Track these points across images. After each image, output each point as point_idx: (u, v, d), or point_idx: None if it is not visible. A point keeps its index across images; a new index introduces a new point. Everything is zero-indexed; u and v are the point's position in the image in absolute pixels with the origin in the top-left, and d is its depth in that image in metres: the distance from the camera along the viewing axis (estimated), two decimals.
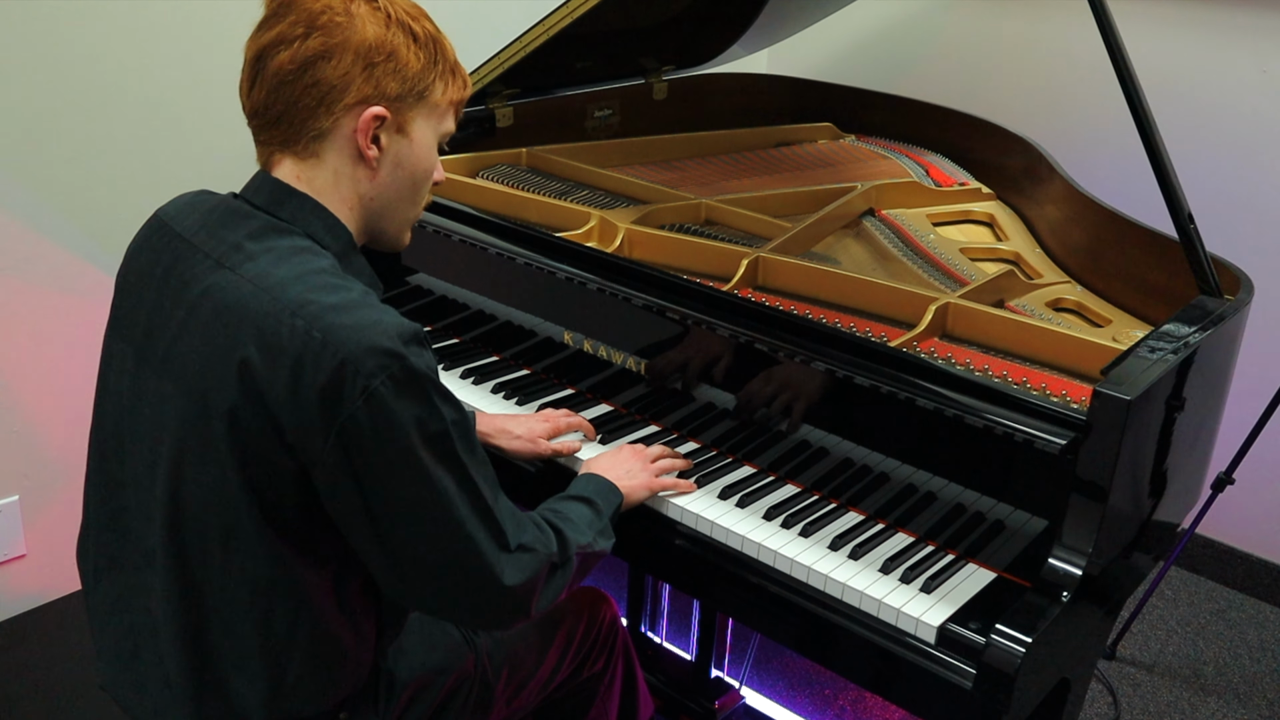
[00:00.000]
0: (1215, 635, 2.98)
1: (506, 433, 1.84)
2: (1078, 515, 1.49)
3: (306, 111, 1.32)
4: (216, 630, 1.33)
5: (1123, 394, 1.44)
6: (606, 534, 1.58)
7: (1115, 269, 2.08)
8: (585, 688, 1.87)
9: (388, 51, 1.32)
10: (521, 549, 1.38)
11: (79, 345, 2.56)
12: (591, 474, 1.67)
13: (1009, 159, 2.56)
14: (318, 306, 1.24)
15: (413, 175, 1.41)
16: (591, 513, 1.57)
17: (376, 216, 1.42)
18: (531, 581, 1.38)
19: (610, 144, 2.67)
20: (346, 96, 1.32)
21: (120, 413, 1.39)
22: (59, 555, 2.65)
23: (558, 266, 1.96)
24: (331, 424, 1.22)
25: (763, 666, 2.70)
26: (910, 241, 2.22)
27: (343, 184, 1.37)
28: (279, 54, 1.31)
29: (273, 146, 1.37)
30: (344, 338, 1.22)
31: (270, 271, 1.28)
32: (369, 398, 1.21)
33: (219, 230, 1.34)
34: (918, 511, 1.67)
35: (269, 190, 1.36)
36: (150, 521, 1.35)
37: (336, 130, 1.34)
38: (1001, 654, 1.41)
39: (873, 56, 3.62)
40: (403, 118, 1.37)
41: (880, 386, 1.64)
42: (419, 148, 1.40)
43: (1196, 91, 2.94)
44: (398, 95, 1.34)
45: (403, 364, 1.23)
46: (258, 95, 1.34)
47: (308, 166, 1.36)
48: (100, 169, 2.49)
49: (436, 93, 1.39)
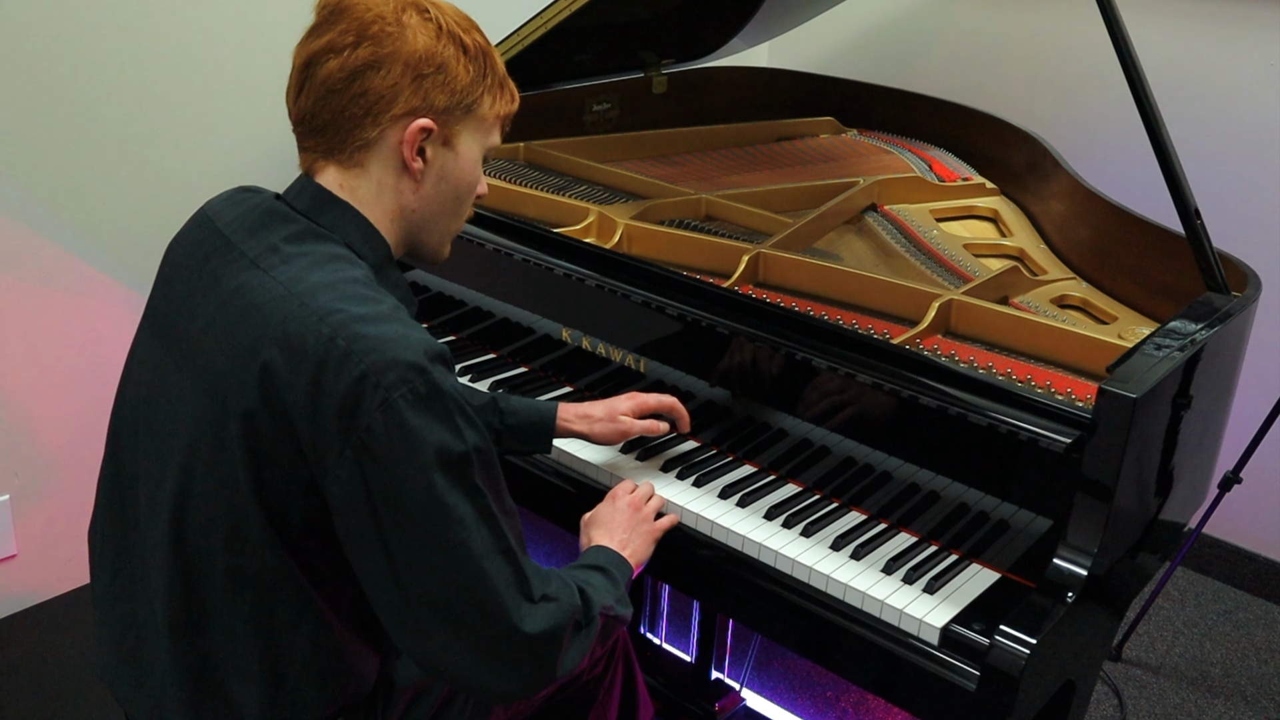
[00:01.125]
0: (1222, 636, 2.98)
1: (587, 417, 1.81)
2: (1083, 515, 1.49)
3: (353, 121, 1.32)
4: (215, 631, 1.33)
5: (1128, 392, 1.44)
6: (624, 603, 1.51)
7: (1121, 265, 2.08)
8: (584, 691, 1.87)
9: (438, 64, 1.33)
10: (546, 599, 1.33)
11: (69, 342, 2.56)
12: (600, 546, 1.61)
13: (1013, 154, 2.56)
14: (345, 315, 1.23)
15: (456, 189, 1.42)
16: (608, 581, 1.52)
17: (418, 229, 1.42)
18: (555, 634, 1.32)
19: (609, 138, 2.67)
20: (394, 108, 1.32)
21: (139, 404, 1.40)
22: (50, 555, 2.65)
23: (555, 263, 1.96)
24: (348, 436, 1.20)
25: (764, 668, 2.70)
26: (913, 237, 2.22)
27: (385, 195, 1.37)
28: (328, 62, 1.31)
29: (317, 154, 1.37)
30: (368, 348, 1.21)
31: (303, 276, 1.27)
32: (386, 410, 1.20)
33: (258, 230, 1.34)
34: (921, 511, 1.68)
35: (311, 195, 1.36)
36: (156, 516, 1.35)
37: (382, 141, 1.34)
38: (1006, 655, 1.41)
39: (875, 50, 3.62)
40: (449, 130, 1.37)
41: (883, 384, 1.64)
42: (464, 161, 1.40)
43: (1203, 86, 2.94)
44: (445, 108, 1.35)
45: (426, 379, 1.22)
46: (305, 102, 1.34)
47: (351, 176, 1.36)
48: (91, 164, 2.49)
49: (484, 106, 1.39)
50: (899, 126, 2.85)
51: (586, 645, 1.39)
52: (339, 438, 1.21)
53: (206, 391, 1.28)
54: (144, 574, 1.40)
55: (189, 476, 1.30)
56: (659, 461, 1.83)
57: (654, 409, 1.83)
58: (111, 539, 1.45)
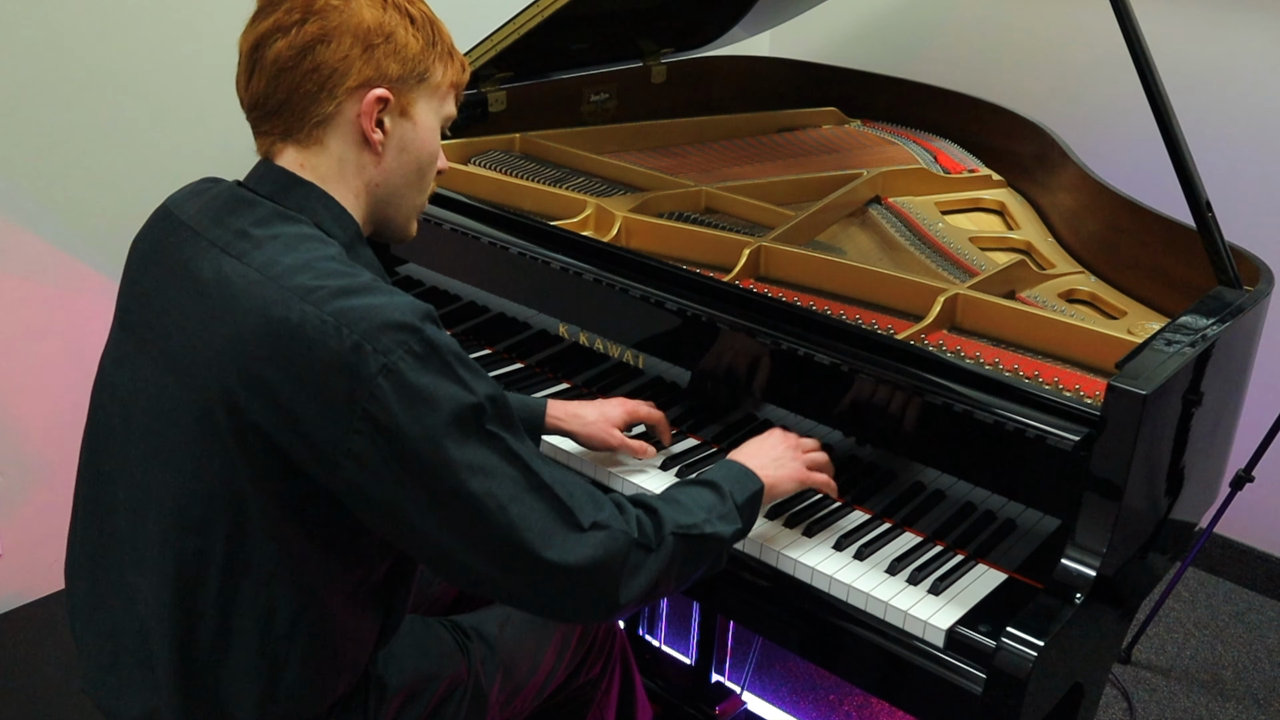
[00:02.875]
0: (1234, 638, 2.98)
1: (578, 417, 1.82)
2: (1092, 514, 1.49)
3: (308, 98, 1.33)
4: (212, 632, 1.33)
5: (1138, 388, 1.44)
6: (729, 518, 1.49)
7: (1130, 259, 2.08)
8: (582, 693, 1.87)
9: (386, 33, 1.34)
10: (596, 527, 1.34)
11: (55, 338, 2.56)
12: (729, 460, 1.61)
13: (1021, 145, 2.55)
14: (326, 291, 1.24)
15: (418, 159, 1.43)
16: (713, 496, 1.51)
17: (384, 204, 1.43)
18: (604, 561, 1.33)
19: (607, 129, 2.67)
20: (348, 80, 1.33)
21: (115, 405, 1.39)
22: (37, 556, 2.65)
23: (553, 256, 1.96)
24: (354, 408, 1.21)
25: (765, 671, 2.70)
26: (918, 230, 2.22)
27: (348, 171, 1.38)
28: (276, 42, 1.32)
29: (274, 136, 1.38)
30: (356, 318, 1.22)
31: (276, 259, 1.28)
32: (388, 374, 1.21)
33: (224, 217, 1.35)
34: (926, 510, 1.67)
35: (274, 179, 1.37)
36: (142, 518, 1.35)
37: (339, 115, 1.35)
38: (1013, 658, 1.41)
39: (879, 38, 3.62)
40: (405, 100, 1.38)
41: (887, 381, 1.64)
42: (423, 130, 1.42)
43: (1215, 76, 2.94)
44: (399, 77, 1.36)
45: (420, 337, 1.23)
46: (256, 86, 1.35)
47: (311, 154, 1.37)
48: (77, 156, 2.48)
49: (437, 74, 1.41)
50: (903, 117, 2.85)
51: (658, 568, 1.39)
52: (345, 412, 1.21)
53: (192, 387, 1.28)
54: (127, 578, 1.40)
55: (183, 476, 1.30)
56: (658, 460, 1.83)
57: (643, 419, 1.84)
58: (88, 548, 1.45)
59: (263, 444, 1.25)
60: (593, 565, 1.32)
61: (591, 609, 1.35)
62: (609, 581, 1.34)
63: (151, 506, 1.34)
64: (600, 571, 1.33)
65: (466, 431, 1.25)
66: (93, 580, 1.44)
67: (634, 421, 1.83)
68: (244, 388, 1.24)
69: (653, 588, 1.39)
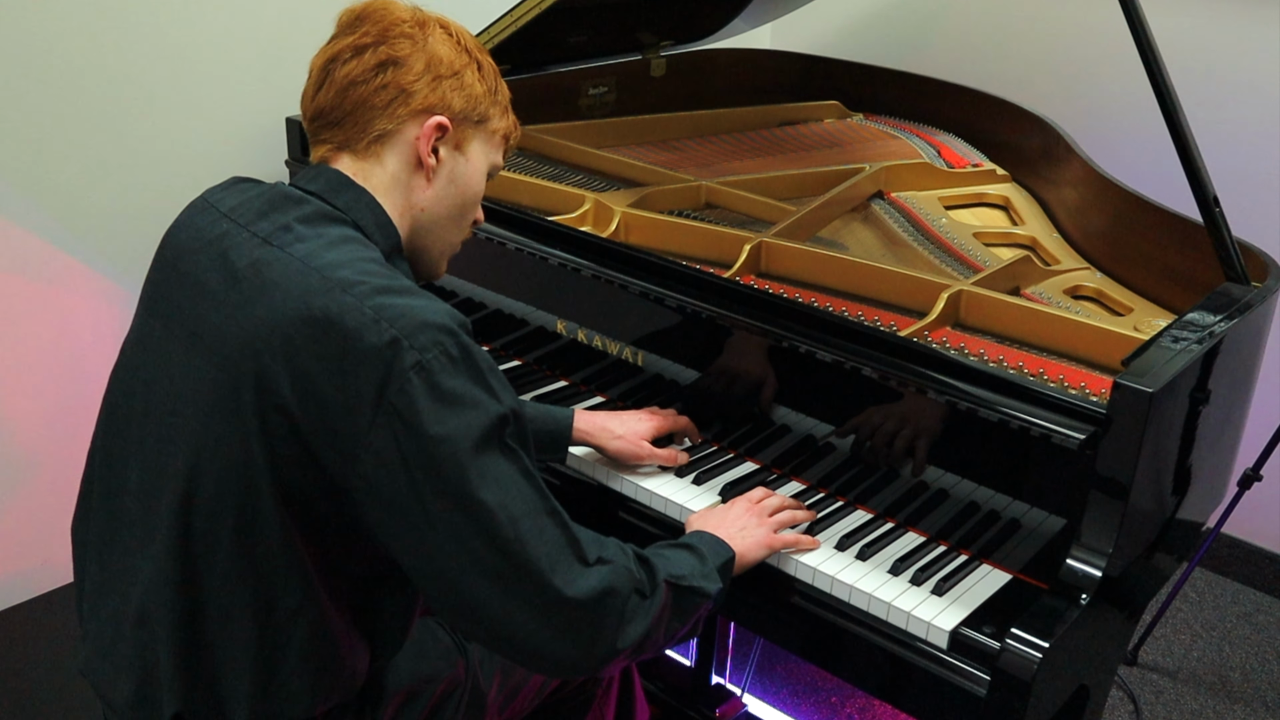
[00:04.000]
0: (1242, 639, 2.99)
1: (607, 430, 1.83)
2: (1097, 513, 1.49)
3: (373, 111, 1.40)
4: (213, 618, 1.34)
5: (1145, 386, 1.44)
6: (710, 578, 1.50)
7: (1137, 254, 2.08)
8: (580, 695, 1.87)
9: (455, 70, 1.43)
10: (600, 562, 1.34)
11: (46, 336, 2.56)
12: (699, 531, 1.61)
13: (1025, 139, 2.55)
14: (369, 286, 1.27)
15: (463, 195, 1.49)
16: (693, 557, 1.51)
17: (424, 231, 1.48)
18: (607, 598, 1.32)
19: (606, 123, 2.67)
20: (413, 101, 1.40)
21: (136, 386, 1.41)
22: (26, 557, 2.65)
23: (550, 252, 1.96)
24: (380, 401, 1.23)
25: (766, 673, 2.71)
26: (921, 226, 2.22)
27: (398, 189, 1.44)
28: (349, 60, 1.40)
29: (331, 144, 1.44)
30: (396, 315, 1.25)
31: (319, 253, 1.31)
32: (421, 371, 1.23)
33: (269, 212, 1.38)
34: (929, 510, 1.68)
35: (326, 178, 1.41)
36: (154, 500, 1.36)
37: (399, 134, 1.41)
38: (1017, 659, 1.41)
39: (882, 31, 3.62)
40: (461, 135, 1.46)
41: (889, 378, 1.64)
42: (473, 169, 1.49)
43: (1223, 68, 2.94)
44: (460, 112, 1.44)
45: (457, 341, 1.26)
46: (324, 97, 1.42)
47: (366, 166, 1.43)
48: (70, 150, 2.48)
49: (494, 121, 1.50)
50: (906, 110, 2.85)
51: (652, 615, 1.38)
52: (372, 405, 1.23)
53: (220, 367, 1.30)
54: (130, 565, 1.41)
55: (199, 456, 1.31)
56: None
57: (669, 430, 1.86)
58: (99, 531, 1.46)
59: (286, 428, 1.26)
60: (596, 602, 1.31)
61: (588, 652, 1.33)
62: (610, 623, 1.34)
63: (164, 490, 1.35)
64: (602, 610, 1.33)
65: (489, 441, 1.27)
66: (102, 564, 1.45)
67: (662, 434, 1.85)
68: (276, 370, 1.25)
69: (645, 636, 1.38)
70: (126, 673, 1.41)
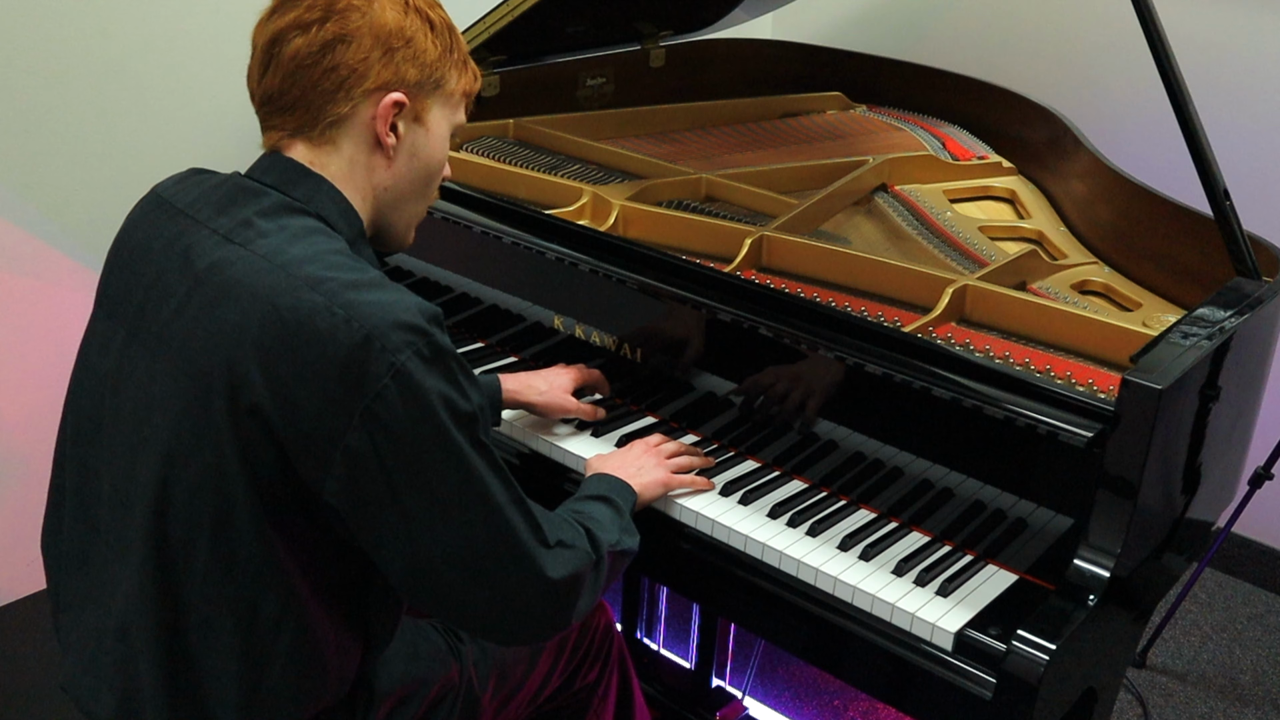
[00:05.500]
0: (1253, 641, 2.99)
1: (532, 387, 1.89)
2: (1105, 513, 1.49)
3: (325, 96, 1.37)
4: (194, 628, 1.34)
5: (1153, 383, 1.44)
6: (630, 531, 1.58)
7: (1145, 249, 2.08)
8: (578, 699, 1.88)
9: (406, 38, 1.38)
10: (561, 545, 1.40)
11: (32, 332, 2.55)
12: (603, 474, 1.68)
13: (1032, 131, 2.55)
14: (337, 283, 1.26)
15: (427, 166, 1.47)
16: (612, 511, 1.58)
17: (388, 209, 1.47)
18: (575, 579, 1.40)
19: (604, 115, 2.66)
20: (366, 81, 1.37)
21: (102, 394, 1.40)
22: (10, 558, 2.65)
23: (547, 246, 1.96)
24: (356, 403, 1.23)
25: (767, 675, 2.71)
26: (925, 219, 2.22)
27: (358, 173, 1.42)
28: (295, 39, 1.35)
29: (284, 132, 1.41)
30: (367, 313, 1.24)
31: (284, 249, 1.30)
32: (397, 375, 1.24)
33: (227, 207, 1.36)
34: (933, 509, 1.68)
35: (282, 169, 1.39)
36: (127, 510, 1.36)
37: (354, 116, 1.38)
38: (1024, 662, 1.41)
39: (885, 20, 3.61)
40: (420, 105, 1.42)
41: (893, 375, 1.64)
42: (434, 138, 1.46)
43: (1233, 59, 2.93)
44: (416, 82, 1.40)
45: (429, 340, 1.27)
46: (271, 81, 1.38)
47: (322, 153, 1.40)
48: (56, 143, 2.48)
49: (452, 82, 1.45)
50: (911, 102, 2.85)
51: (599, 585, 1.48)
52: (346, 405, 1.24)
53: (188, 373, 1.29)
54: (106, 577, 1.40)
55: (170, 463, 1.30)
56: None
57: (588, 381, 1.94)
58: (74, 542, 1.45)
59: (259, 432, 1.26)
60: (565, 581, 1.39)
61: (549, 625, 1.41)
62: (571, 598, 1.41)
63: (137, 499, 1.34)
64: (569, 587, 1.40)
65: (462, 438, 1.29)
66: (81, 576, 1.45)
67: (582, 385, 1.92)
68: (248, 374, 1.25)
69: (589, 606, 1.46)
70: (109, 687, 1.40)
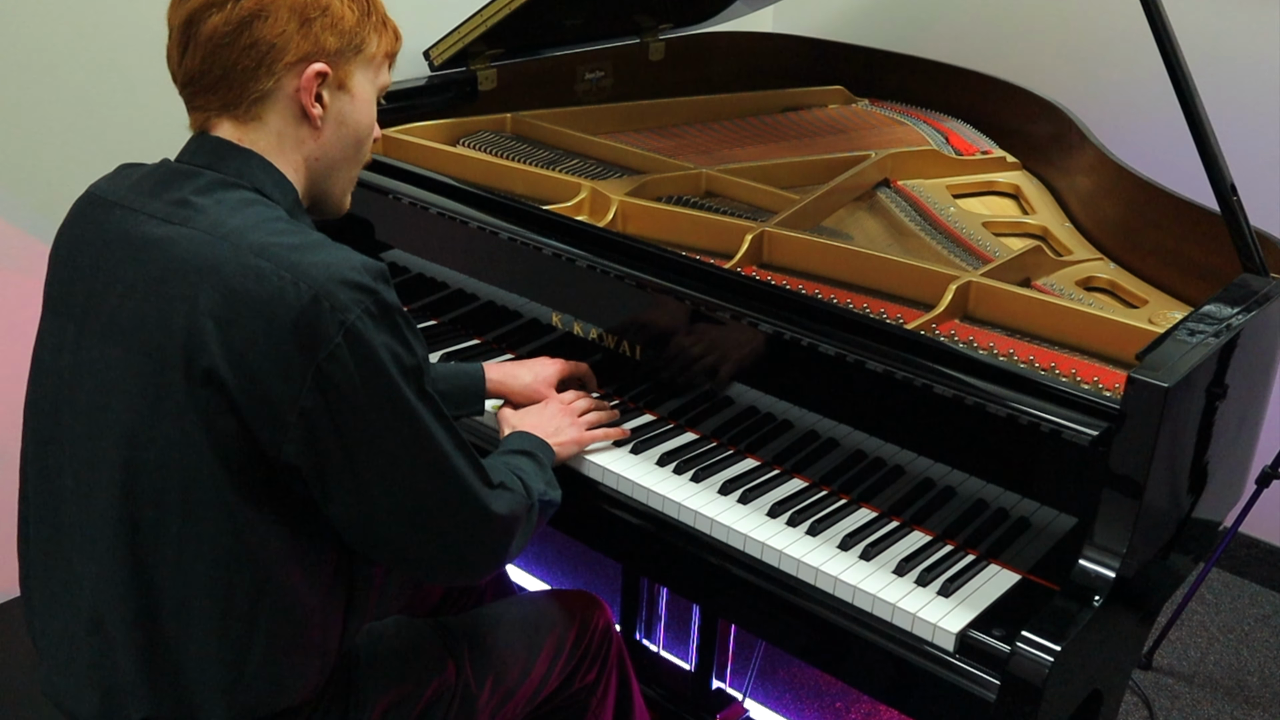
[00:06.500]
0: (1260, 643, 2.99)
1: (516, 378, 1.92)
2: (1110, 512, 1.49)
3: (246, 74, 1.38)
4: (170, 613, 1.34)
5: (1160, 381, 1.44)
6: (553, 485, 1.66)
7: (1151, 245, 2.08)
8: (576, 700, 1.87)
9: (323, 6, 1.40)
10: (502, 486, 1.49)
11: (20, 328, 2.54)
12: (523, 432, 1.75)
13: (1036, 125, 2.55)
14: (280, 247, 1.29)
15: (356, 131, 1.49)
16: (536, 465, 1.66)
17: (321, 178, 1.49)
18: (513, 519, 1.49)
19: (603, 109, 2.66)
20: (286, 55, 1.38)
21: (59, 392, 1.41)
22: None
23: (545, 242, 1.96)
24: (309, 364, 1.26)
25: (768, 677, 2.71)
26: (929, 215, 2.22)
27: (287, 145, 1.43)
28: (210, 17, 1.36)
29: (209, 111, 1.42)
30: (314, 274, 1.28)
31: (224, 221, 1.32)
32: (348, 333, 1.27)
33: (160, 191, 1.38)
34: (935, 508, 1.67)
35: (211, 148, 1.41)
36: (92, 501, 1.37)
37: (278, 90, 1.40)
38: (1027, 663, 1.41)
39: (888, 13, 3.61)
40: (343, 73, 1.44)
41: (895, 372, 1.64)
42: (360, 103, 1.48)
43: (1240, 51, 2.93)
44: (336, 50, 1.42)
45: (375, 298, 1.30)
46: (191, 62, 1.39)
47: (250, 130, 1.42)
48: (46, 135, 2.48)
49: (372, 45, 1.47)
50: (913, 96, 2.85)
51: (530, 530, 1.57)
52: (299, 367, 1.27)
53: (142, 351, 1.31)
54: (75, 570, 1.41)
55: (133, 445, 1.32)
56: (655, 455, 1.83)
57: (572, 374, 1.96)
58: (40, 545, 1.46)
59: (217, 401, 1.28)
60: (509, 518, 1.48)
61: (490, 561, 1.50)
62: (509, 536, 1.50)
63: (100, 488, 1.35)
64: (509, 526, 1.48)
65: (410, 391, 1.34)
66: (47, 579, 1.45)
67: (565, 377, 1.94)
68: (201, 344, 1.27)
69: (519, 551, 1.55)
70: (88, 684, 1.41)
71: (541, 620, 1.80)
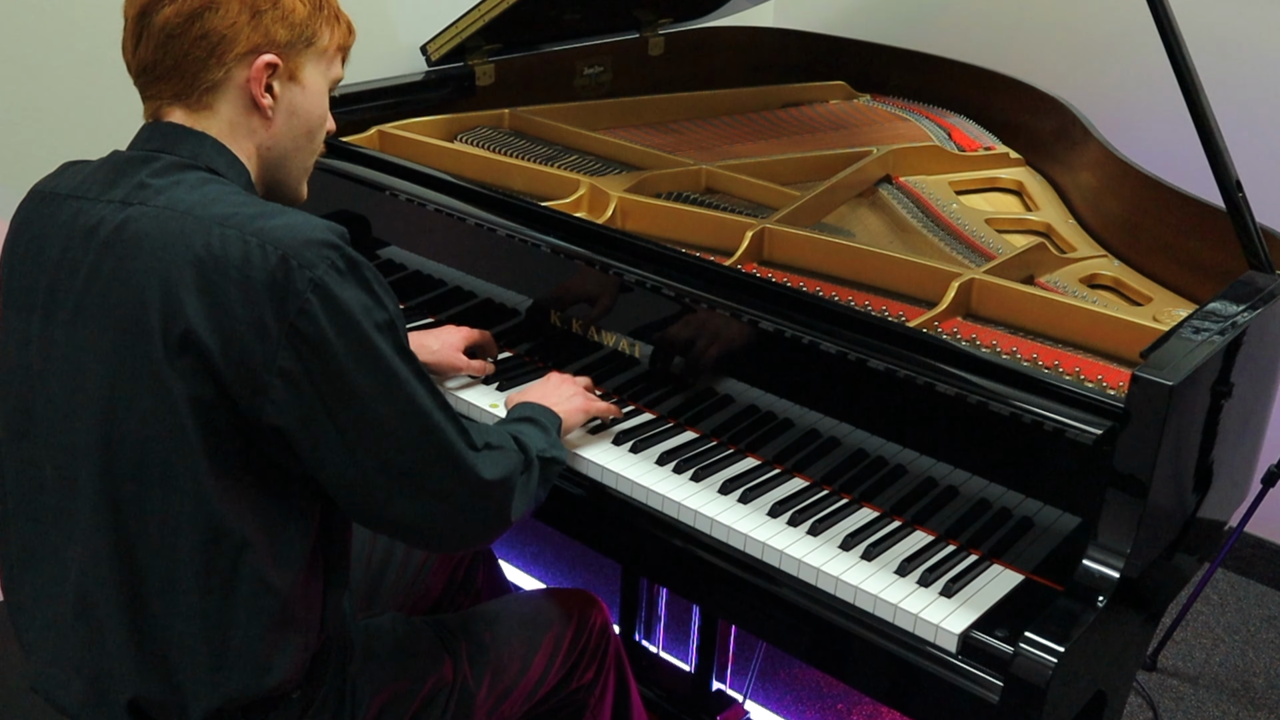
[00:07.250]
0: (1266, 644, 2.99)
1: (424, 347, 1.97)
2: (1115, 512, 1.49)
3: (198, 64, 1.41)
4: (155, 590, 1.35)
5: (1164, 379, 1.44)
6: (557, 447, 1.68)
7: (1156, 242, 2.08)
8: (573, 700, 1.88)
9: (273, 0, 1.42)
10: (489, 447, 1.49)
11: None
12: (525, 402, 1.77)
13: (1039, 121, 2.55)
14: (243, 215, 1.32)
15: (308, 122, 1.51)
16: (538, 429, 1.68)
17: (275, 167, 1.51)
18: (508, 480, 1.49)
19: (602, 104, 2.66)
20: (236, 46, 1.41)
21: (29, 385, 1.41)
22: None
23: (543, 239, 1.96)
24: (283, 321, 1.29)
25: (769, 678, 2.71)
26: (931, 211, 2.21)
27: (239, 134, 1.46)
28: (164, 9, 1.39)
29: (162, 100, 1.45)
30: (279, 236, 1.31)
31: (184, 197, 1.35)
32: (317, 288, 1.30)
33: (116, 179, 1.40)
34: (938, 508, 1.67)
35: (164, 134, 1.43)
36: (72, 483, 1.37)
37: (229, 81, 1.42)
38: (1031, 664, 1.41)
39: (890, 8, 3.61)
40: (293, 65, 1.47)
41: (897, 370, 1.64)
42: (311, 94, 1.50)
43: (1246, 46, 2.93)
44: (287, 42, 1.44)
45: (341, 253, 1.33)
46: (144, 53, 1.42)
47: (202, 118, 1.44)
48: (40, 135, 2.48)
49: (324, 38, 1.49)
50: (915, 91, 2.85)
51: (531, 489, 1.57)
52: (274, 329, 1.29)
53: (114, 327, 1.33)
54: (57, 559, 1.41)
55: (111, 420, 1.34)
56: (654, 454, 1.83)
57: (478, 342, 2.02)
58: (21, 540, 1.46)
59: (197, 368, 1.30)
60: (498, 482, 1.47)
61: (488, 527, 1.50)
62: (506, 498, 1.50)
63: (80, 470, 1.36)
64: (503, 488, 1.49)
65: (386, 345, 1.36)
66: (32, 575, 1.46)
67: (471, 344, 2.01)
68: (178, 312, 1.29)
69: (523, 510, 1.55)
70: (76, 672, 1.41)
71: (539, 618, 1.81)
